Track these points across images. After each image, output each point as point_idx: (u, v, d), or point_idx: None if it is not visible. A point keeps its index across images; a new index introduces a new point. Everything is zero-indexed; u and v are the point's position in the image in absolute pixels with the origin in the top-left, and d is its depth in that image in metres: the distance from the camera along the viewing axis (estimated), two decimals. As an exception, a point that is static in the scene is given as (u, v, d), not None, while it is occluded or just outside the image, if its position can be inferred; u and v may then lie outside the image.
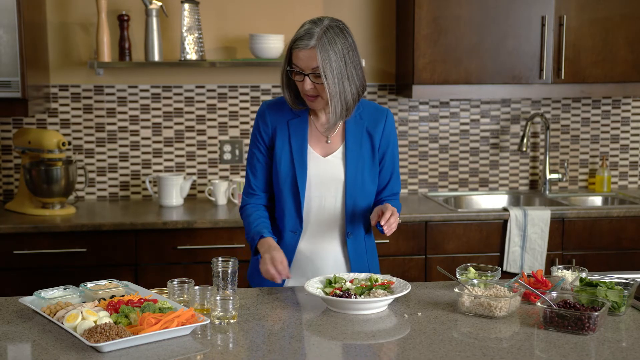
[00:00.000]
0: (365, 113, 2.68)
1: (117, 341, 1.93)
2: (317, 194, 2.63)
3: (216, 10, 4.20)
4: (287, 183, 2.62)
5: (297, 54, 2.49)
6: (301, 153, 2.62)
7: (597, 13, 4.11)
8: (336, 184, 2.63)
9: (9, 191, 4.21)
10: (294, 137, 2.63)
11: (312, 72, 2.48)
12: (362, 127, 2.66)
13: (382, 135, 2.68)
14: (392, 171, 2.74)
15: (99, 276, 3.50)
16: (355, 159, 2.63)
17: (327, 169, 2.63)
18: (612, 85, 4.21)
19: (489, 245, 3.91)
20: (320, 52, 2.45)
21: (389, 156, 2.72)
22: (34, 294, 2.30)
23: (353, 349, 2.02)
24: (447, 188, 4.53)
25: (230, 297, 2.18)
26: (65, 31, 4.15)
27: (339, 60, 2.48)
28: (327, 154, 2.65)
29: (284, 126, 2.64)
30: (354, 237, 2.69)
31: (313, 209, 2.64)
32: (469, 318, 2.23)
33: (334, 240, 2.67)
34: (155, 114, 4.25)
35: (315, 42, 2.46)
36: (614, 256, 3.99)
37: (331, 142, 2.65)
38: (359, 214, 2.67)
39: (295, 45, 2.49)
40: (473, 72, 4.07)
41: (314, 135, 2.66)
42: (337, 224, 2.67)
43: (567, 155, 4.60)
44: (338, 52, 2.47)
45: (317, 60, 2.45)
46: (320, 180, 2.62)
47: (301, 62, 2.48)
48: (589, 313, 2.08)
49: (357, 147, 2.64)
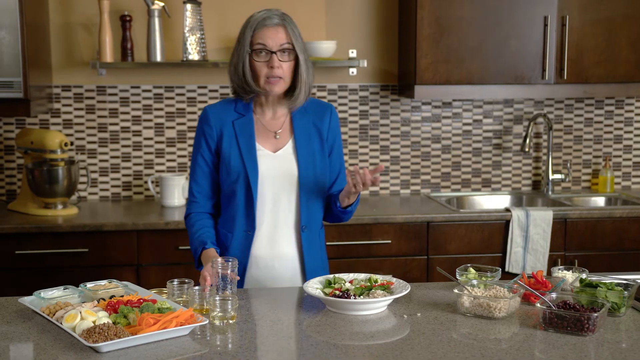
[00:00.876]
0: (310, 107, 2.69)
1: (115, 341, 1.93)
2: (271, 190, 2.60)
3: (218, 10, 4.21)
4: (239, 183, 2.59)
5: (262, 32, 2.52)
6: (250, 151, 2.60)
7: (600, 13, 4.10)
8: (290, 179, 2.62)
9: (11, 191, 4.22)
10: (241, 136, 2.61)
11: (280, 49, 2.51)
12: (309, 121, 2.67)
13: (328, 129, 2.70)
14: (340, 166, 2.76)
15: (100, 276, 3.49)
16: (306, 152, 2.64)
17: (279, 164, 2.62)
18: (614, 86, 4.20)
19: (491, 245, 3.91)
20: (291, 28, 2.52)
21: (336, 151, 2.73)
22: (33, 294, 2.31)
23: (351, 349, 2.02)
24: (450, 188, 4.52)
25: (229, 297, 2.18)
26: (68, 32, 4.15)
27: (301, 41, 2.57)
28: (276, 150, 2.64)
29: (229, 127, 2.62)
30: (309, 231, 2.66)
31: (267, 206, 2.61)
32: (468, 319, 2.23)
33: (289, 236, 2.65)
34: (157, 114, 4.26)
35: (281, 21, 2.53)
36: (617, 257, 3.98)
37: (280, 137, 2.65)
38: (313, 207, 2.66)
39: (260, 25, 2.52)
40: (475, 73, 4.07)
41: (261, 132, 2.64)
42: (291, 218, 2.65)
43: (570, 156, 4.59)
44: (300, 36, 2.57)
45: (286, 35, 2.51)
46: (272, 176, 2.61)
47: (270, 40, 2.51)
48: (588, 314, 2.07)
49: (307, 140, 2.65)
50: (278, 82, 2.55)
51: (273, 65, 2.51)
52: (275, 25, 2.52)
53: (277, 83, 2.55)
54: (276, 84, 2.55)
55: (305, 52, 2.58)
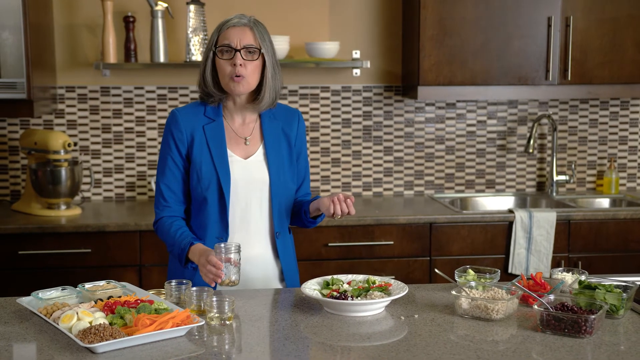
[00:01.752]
0: (278, 113, 2.68)
1: (110, 342, 1.93)
2: (243, 197, 2.58)
3: (222, 11, 4.21)
4: (210, 189, 2.55)
5: (228, 32, 2.53)
6: (222, 157, 2.57)
7: (605, 14, 4.08)
8: (261, 186, 2.60)
9: (16, 191, 4.23)
10: (212, 141, 2.58)
11: (243, 48, 2.50)
12: (277, 127, 2.66)
13: (296, 135, 2.70)
14: (306, 172, 2.76)
15: (103, 277, 3.49)
16: (276, 158, 2.63)
17: (250, 171, 2.60)
18: (619, 87, 4.18)
19: (494, 247, 3.90)
20: (258, 30, 2.54)
21: (303, 156, 2.74)
22: (31, 294, 2.31)
23: (347, 351, 2.01)
24: (454, 190, 4.51)
25: (226, 298, 2.18)
26: (72, 33, 4.17)
27: (271, 47, 2.57)
28: (247, 156, 2.62)
29: (199, 132, 2.58)
30: (282, 236, 2.66)
31: (238, 212, 2.58)
32: (466, 320, 2.22)
33: (262, 242, 2.63)
34: (161, 115, 4.26)
35: (249, 24, 2.54)
36: (621, 258, 3.96)
37: (250, 143, 2.63)
38: (284, 213, 2.66)
39: (227, 25, 2.54)
40: (479, 73, 4.06)
41: (231, 138, 2.62)
42: (264, 225, 2.63)
43: (575, 157, 4.57)
44: (270, 40, 2.57)
45: (252, 37, 2.51)
46: (245, 182, 2.58)
47: (234, 38, 2.51)
48: (586, 316, 2.06)
49: (277, 147, 2.64)
50: (241, 81, 2.50)
51: (235, 63, 2.49)
52: (242, 25, 2.53)
53: (240, 82, 2.50)
54: (239, 83, 2.50)
55: (274, 56, 2.57)
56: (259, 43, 2.52)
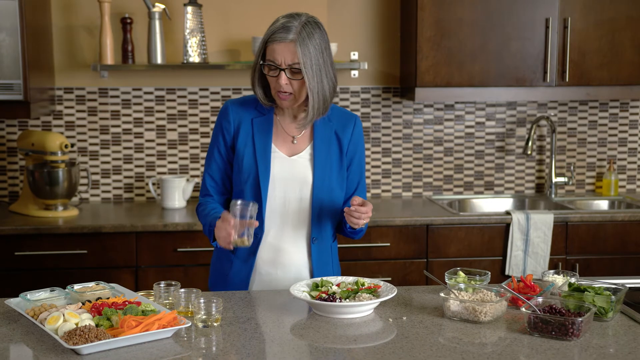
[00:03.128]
0: (334, 116, 2.62)
1: (95, 344, 1.93)
2: (282, 194, 2.54)
3: (219, 12, 4.21)
4: (249, 182, 2.53)
5: (273, 48, 2.41)
6: (265, 151, 2.54)
7: (603, 15, 4.07)
8: (302, 185, 2.55)
9: (14, 193, 4.24)
10: (258, 135, 2.55)
11: (288, 67, 2.41)
12: (330, 130, 2.60)
13: (350, 140, 2.62)
14: (359, 180, 2.67)
15: (99, 278, 3.50)
16: (323, 160, 2.56)
17: (292, 169, 2.55)
18: (618, 88, 4.16)
19: (491, 249, 3.89)
20: (300, 47, 2.39)
21: (357, 164, 2.65)
22: (19, 295, 2.31)
23: (332, 353, 2.01)
24: (452, 191, 4.50)
25: (214, 300, 2.17)
26: (70, 34, 4.17)
27: (318, 55, 2.42)
28: (293, 154, 2.57)
29: (247, 124, 2.56)
30: (320, 242, 2.60)
31: (276, 211, 2.55)
32: (454, 323, 2.21)
33: (297, 245, 2.58)
34: (159, 116, 4.27)
35: (294, 36, 2.39)
36: (619, 261, 3.95)
37: (297, 142, 2.58)
38: (326, 219, 2.59)
39: (273, 39, 2.41)
40: (476, 75, 4.05)
41: (279, 134, 2.58)
42: (302, 228, 2.58)
43: (574, 159, 4.56)
44: (317, 47, 2.42)
45: (296, 54, 2.39)
46: (284, 180, 2.54)
47: (278, 56, 2.40)
48: (573, 319, 2.05)
49: (326, 149, 2.58)
50: (288, 98, 2.46)
51: (280, 82, 2.43)
52: (288, 41, 2.39)
53: (287, 99, 2.46)
54: (286, 99, 2.47)
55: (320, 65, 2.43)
56: (301, 60, 2.39)
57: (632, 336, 2.12)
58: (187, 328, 2.14)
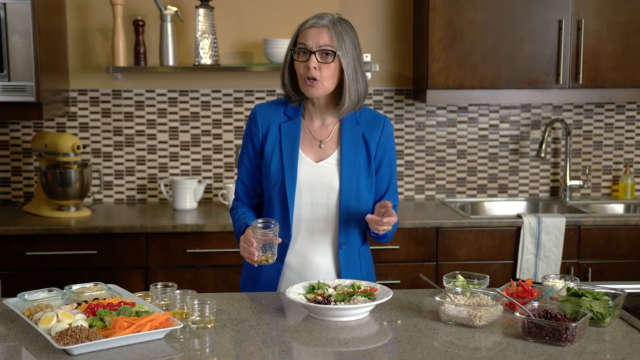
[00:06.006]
0: (362, 119, 2.59)
1: (86, 344, 1.94)
2: (308, 200, 2.53)
3: (231, 14, 4.22)
4: (276, 188, 2.53)
5: (306, 33, 2.45)
6: (292, 157, 2.53)
7: (618, 17, 4.02)
8: (329, 191, 2.53)
9: (29, 193, 4.29)
10: (286, 140, 2.55)
11: (319, 50, 2.42)
12: (358, 133, 2.56)
13: (378, 143, 2.58)
14: (390, 182, 2.63)
15: (109, 278, 3.53)
16: (350, 165, 2.54)
17: (319, 174, 2.54)
18: (633, 90, 4.11)
19: (502, 252, 3.86)
20: (335, 31, 2.42)
21: (386, 166, 2.61)
22: (17, 295, 2.33)
23: (320, 355, 2.00)
24: (466, 194, 4.47)
25: (207, 301, 2.18)
26: (84, 36, 4.21)
27: (352, 48, 2.46)
28: (320, 160, 2.56)
29: (275, 129, 2.56)
30: (347, 247, 2.58)
31: (303, 216, 2.54)
32: (449, 327, 2.20)
33: (325, 251, 2.57)
34: (171, 118, 4.29)
35: (328, 24, 2.44)
36: (632, 265, 3.89)
37: (325, 147, 2.57)
38: (354, 223, 2.57)
39: (306, 25, 2.45)
40: (488, 77, 4.02)
41: (306, 139, 2.57)
42: (329, 233, 2.56)
43: (590, 162, 4.51)
44: (350, 40, 2.46)
45: (330, 38, 2.41)
46: (311, 186, 2.53)
47: (310, 40, 2.43)
48: (567, 324, 2.03)
49: (353, 153, 2.55)
50: (315, 84, 2.44)
51: (309, 66, 2.43)
52: (320, 26, 2.43)
53: (315, 85, 2.44)
54: (314, 86, 2.45)
55: (356, 58, 2.46)
56: (336, 45, 2.43)
57: (628, 342, 2.09)
58: (182, 329, 2.15)
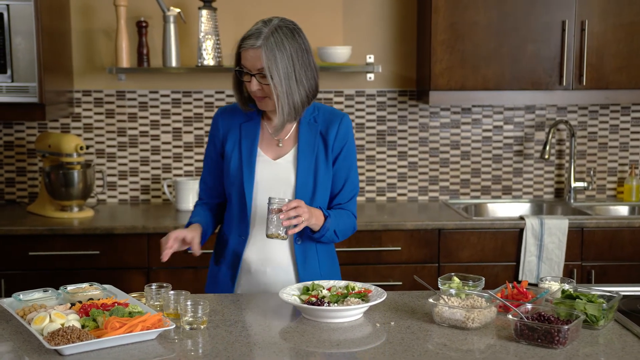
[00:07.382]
0: (320, 117, 2.64)
1: (77, 344, 1.95)
2: (265, 197, 2.56)
3: (234, 16, 4.23)
4: (235, 185, 2.60)
5: (244, 54, 2.47)
6: (250, 155, 2.60)
7: (622, 18, 4.00)
8: (285, 188, 2.58)
9: (33, 194, 4.31)
10: (245, 140, 2.61)
11: (258, 73, 2.45)
12: (315, 131, 2.62)
13: (335, 138, 2.62)
14: (347, 177, 2.66)
15: (110, 278, 3.54)
16: (307, 162, 2.59)
17: (276, 171, 2.60)
18: (637, 92, 4.08)
19: (504, 254, 3.84)
20: (266, 53, 2.42)
21: (342, 160, 2.64)
22: (12, 295, 2.35)
23: (312, 357, 2.00)
24: (469, 195, 4.46)
25: (200, 302, 2.18)
26: (88, 38, 4.23)
27: (286, 61, 2.45)
28: (277, 157, 2.62)
29: (235, 130, 2.63)
30: (303, 244, 2.61)
31: (260, 212, 2.59)
32: (442, 329, 2.19)
33: (282, 246, 2.61)
34: (175, 118, 4.30)
35: (262, 42, 2.43)
36: (636, 267, 3.87)
37: (283, 145, 2.62)
38: None
39: (243, 45, 2.47)
40: (491, 78, 4.01)
41: (265, 138, 2.63)
42: None
43: (595, 163, 4.49)
44: (285, 53, 2.45)
45: (263, 59, 2.42)
46: (268, 183, 2.59)
47: (248, 63, 2.46)
48: (559, 326, 2.02)
49: (310, 151, 2.60)
50: (264, 100, 2.52)
51: (252, 88, 2.49)
52: (255, 47, 2.43)
53: (263, 101, 2.52)
54: (262, 102, 2.53)
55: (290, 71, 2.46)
56: (267, 65, 2.42)
57: (621, 345, 2.08)
58: (175, 330, 2.15)
